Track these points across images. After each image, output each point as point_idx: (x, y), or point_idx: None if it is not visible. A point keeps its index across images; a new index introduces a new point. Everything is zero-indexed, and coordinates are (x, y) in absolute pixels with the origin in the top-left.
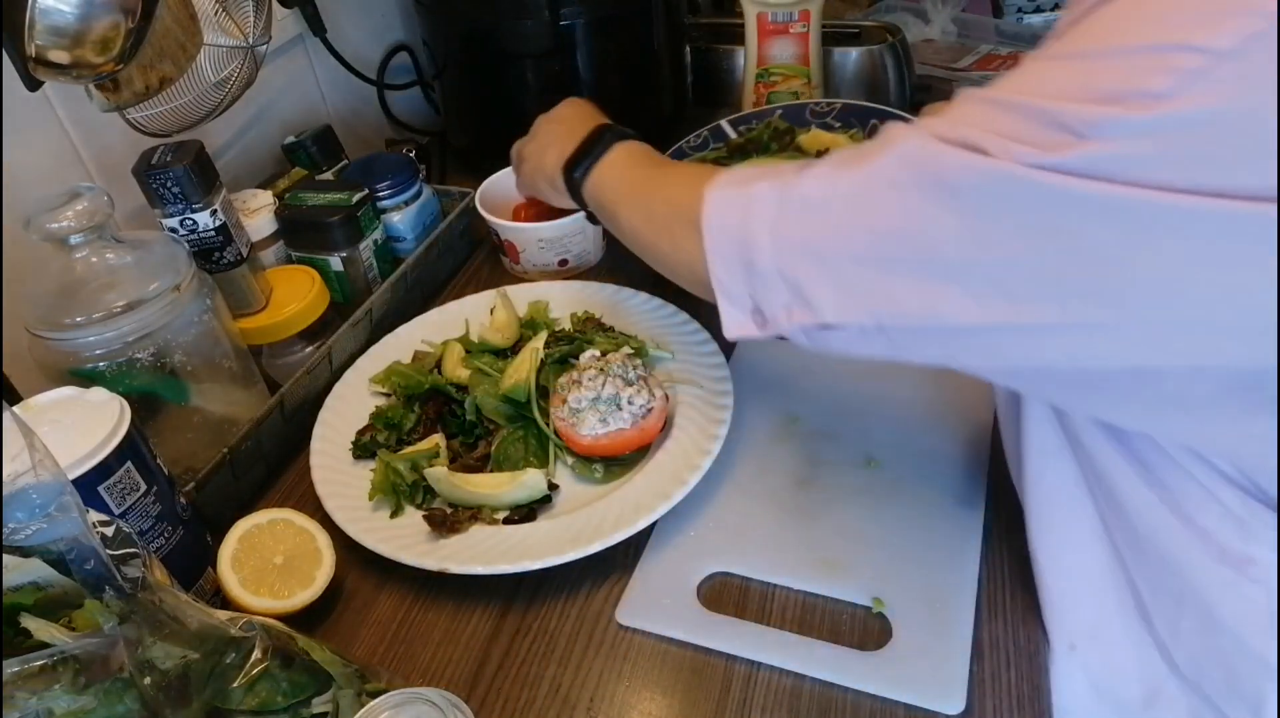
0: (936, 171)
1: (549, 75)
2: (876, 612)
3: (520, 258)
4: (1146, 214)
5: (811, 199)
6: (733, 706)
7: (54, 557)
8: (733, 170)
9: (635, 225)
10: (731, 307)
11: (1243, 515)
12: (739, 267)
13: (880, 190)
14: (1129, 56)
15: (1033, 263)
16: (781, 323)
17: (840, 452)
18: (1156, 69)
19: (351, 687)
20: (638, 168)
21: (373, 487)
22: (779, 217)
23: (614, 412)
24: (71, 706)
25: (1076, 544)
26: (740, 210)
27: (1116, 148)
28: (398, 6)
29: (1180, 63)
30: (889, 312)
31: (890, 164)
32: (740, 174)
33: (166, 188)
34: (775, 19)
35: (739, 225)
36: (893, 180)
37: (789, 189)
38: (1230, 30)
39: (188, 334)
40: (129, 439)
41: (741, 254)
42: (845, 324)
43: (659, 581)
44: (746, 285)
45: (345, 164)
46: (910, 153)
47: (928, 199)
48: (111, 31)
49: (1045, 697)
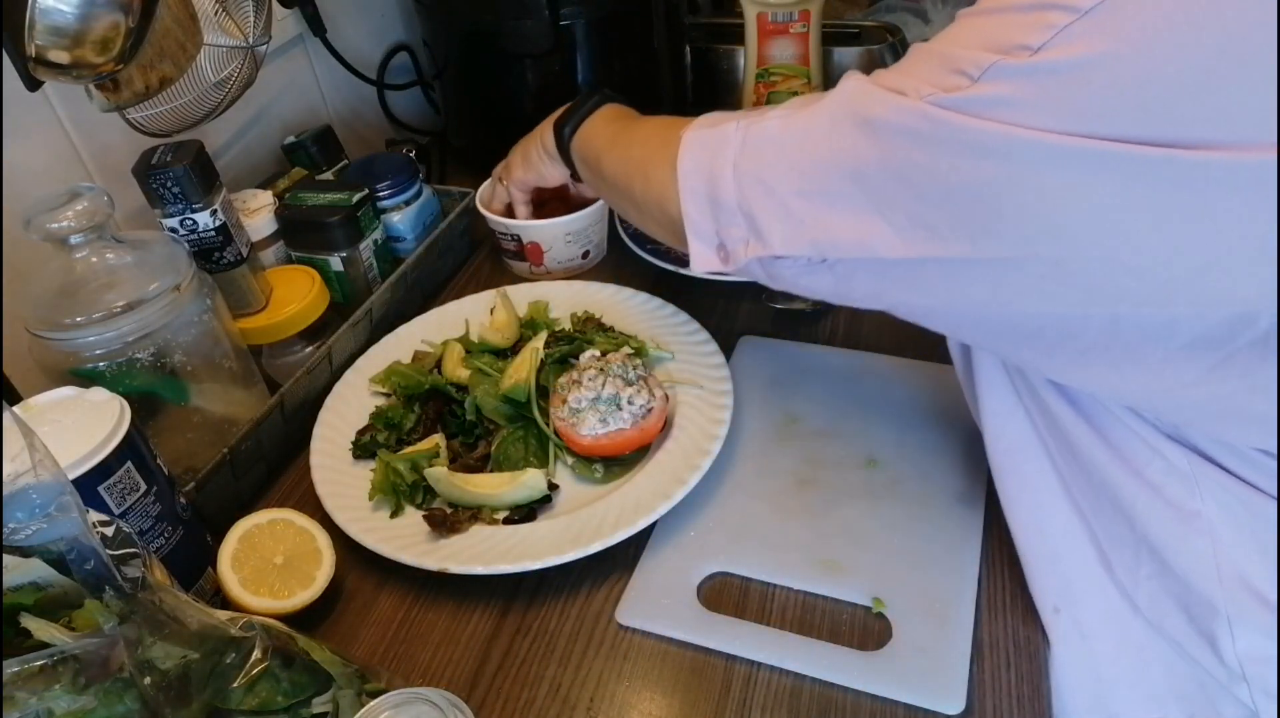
0: (864, 109)
1: (549, 75)
2: (876, 612)
3: (545, 258)
4: (1024, 149)
5: (769, 135)
6: (733, 706)
7: (54, 557)
8: (710, 114)
9: (614, 170)
10: (699, 242)
11: (1187, 471)
12: (706, 202)
13: (823, 127)
14: (1019, 13)
15: (941, 196)
16: (740, 256)
17: (840, 452)
18: (1035, 25)
19: (351, 687)
20: (621, 119)
21: (373, 487)
22: (740, 153)
23: (614, 412)
24: (71, 706)
25: (1039, 502)
26: (711, 149)
27: (998, 90)
28: (398, 6)
29: (1053, 19)
30: (828, 242)
31: (833, 103)
32: (716, 115)
33: (166, 188)
34: (775, 19)
35: (709, 163)
36: (832, 117)
37: (752, 127)
38: None
39: (188, 334)
40: (129, 439)
41: (710, 190)
42: (793, 255)
43: (659, 581)
44: (713, 221)
45: (345, 164)
46: (849, 93)
47: (857, 133)
48: (111, 31)
49: (1045, 697)
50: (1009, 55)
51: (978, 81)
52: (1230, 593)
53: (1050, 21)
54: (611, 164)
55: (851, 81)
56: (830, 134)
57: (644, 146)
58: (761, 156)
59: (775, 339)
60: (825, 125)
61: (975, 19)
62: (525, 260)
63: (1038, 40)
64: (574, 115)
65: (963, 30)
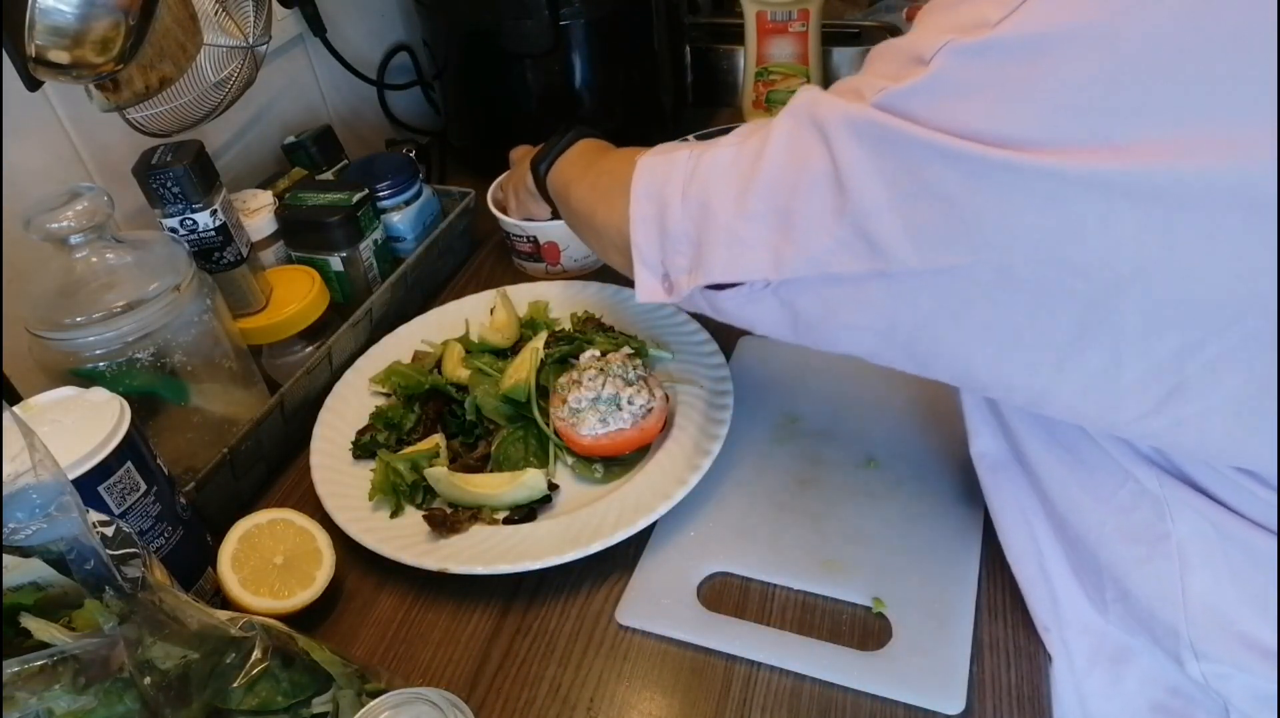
0: (812, 120)
1: (549, 75)
2: (876, 612)
3: (562, 256)
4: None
5: (719, 162)
6: (733, 706)
7: (54, 557)
8: (667, 144)
9: (579, 200)
10: (645, 270)
11: (1158, 493)
12: (655, 229)
13: (771, 146)
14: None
15: (886, 205)
16: (683, 286)
17: (840, 452)
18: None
19: (351, 687)
20: (592, 153)
21: (373, 487)
22: (690, 179)
23: (614, 412)
24: (71, 706)
25: (1023, 521)
26: (662, 175)
27: (945, 74)
28: (398, 6)
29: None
30: (771, 262)
31: (781, 121)
32: (671, 145)
33: (166, 188)
34: (775, 18)
35: (660, 188)
36: (781, 134)
37: (704, 155)
38: None
39: (188, 334)
40: (129, 439)
41: (659, 216)
42: (735, 281)
43: (659, 581)
44: (660, 249)
45: (345, 164)
46: (797, 107)
47: (803, 147)
48: (111, 31)
49: (1045, 697)
50: (965, 34)
51: (928, 63)
52: (1194, 618)
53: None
54: (578, 194)
55: (802, 95)
56: (777, 151)
57: (609, 175)
58: (709, 182)
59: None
60: (773, 144)
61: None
62: (542, 261)
63: (999, 13)
64: (549, 154)
65: (931, 14)
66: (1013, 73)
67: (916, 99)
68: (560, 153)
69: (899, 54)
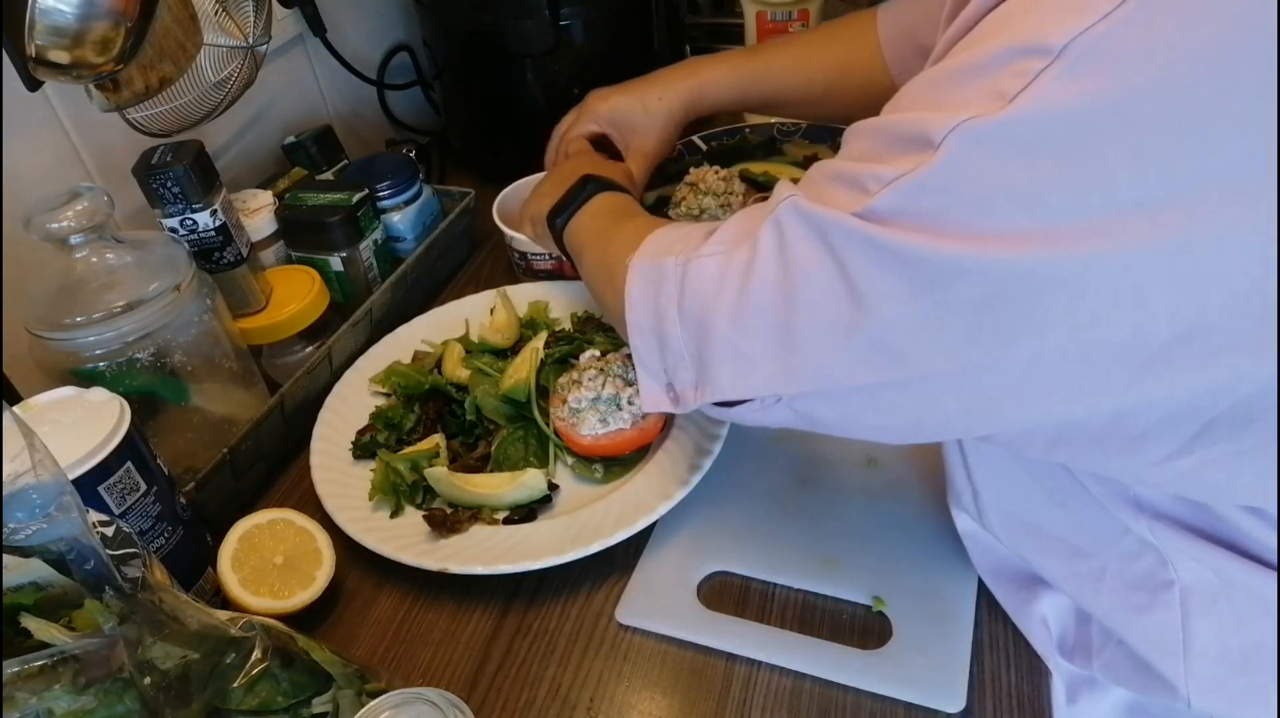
0: (808, 224)
1: (549, 75)
2: (876, 611)
3: None
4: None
5: (708, 275)
6: (733, 705)
7: (54, 557)
8: (660, 232)
9: (589, 269)
10: (649, 378)
11: (1158, 545)
12: (654, 338)
13: (763, 263)
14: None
15: (908, 319)
16: (690, 400)
17: (840, 452)
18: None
19: (351, 687)
20: (605, 216)
21: (373, 487)
22: (683, 294)
23: (614, 412)
24: (71, 706)
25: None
26: (654, 286)
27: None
28: (398, 6)
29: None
30: (783, 378)
31: (769, 230)
32: (661, 240)
33: (166, 188)
34: (774, 18)
35: (654, 299)
36: (771, 243)
37: (690, 265)
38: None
39: (188, 334)
40: (129, 439)
41: (656, 327)
42: (745, 397)
43: (659, 580)
44: (660, 359)
45: (345, 164)
46: (786, 210)
47: (801, 256)
48: (111, 31)
49: (1045, 696)
50: (979, 111)
51: (937, 146)
52: (1194, 670)
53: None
54: (588, 263)
55: (784, 192)
56: (767, 264)
57: (613, 257)
58: (703, 299)
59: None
60: (763, 256)
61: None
62: (564, 277)
63: (1015, 85)
64: (565, 209)
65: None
66: (1036, 156)
67: (929, 195)
68: (576, 210)
69: (893, 134)
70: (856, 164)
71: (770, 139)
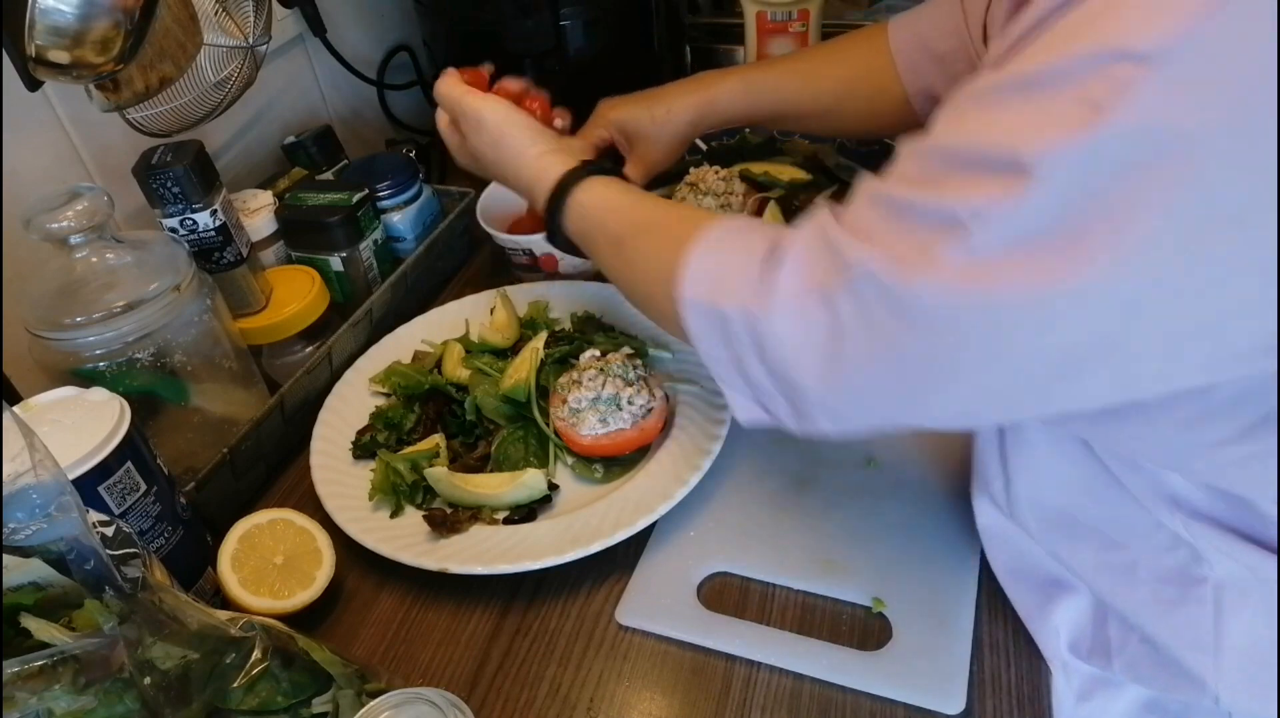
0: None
1: (549, 75)
2: (876, 612)
3: (560, 264)
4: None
5: (785, 343)
6: (733, 706)
7: (54, 557)
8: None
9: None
10: (739, 396)
11: (1191, 540)
12: (734, 371)
13: (845, 319)
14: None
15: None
16: (790, 425)
17: (840, 452)
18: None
19: (351, 687)
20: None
21: (373, 487)
22: (762, 353)
23: (614, 412)
24: (71, 706)
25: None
26: (719, 332)
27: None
28: (398, 6)
29: (1119, 74)
30: (880, 419)
31: (847, 305)
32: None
33: (166, 188)
34: (774, 18)
35: (725, 348)
36: (854, 306)
37: (759, 325)
38: (1163, 26)
39: (188, 334)
40: (129, 439)
41: (734, 361)
42: (843, 431)
43: (659, 581)
44: (749, 389)
45: (345, 164)
46: (860, 289)
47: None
48: (111, 31)
49: (1045, 697)
50: (1073, 128)
51: (1028, 170)
52: (1224, 666)
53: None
54: (606, 261)
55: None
56: (859, 341)
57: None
58: (785, 359)
59: None
60: (847, 318)
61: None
62: (540, 271)
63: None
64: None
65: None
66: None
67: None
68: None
69: (966, 156)
70: (926, 192)
71: (770, 139)
